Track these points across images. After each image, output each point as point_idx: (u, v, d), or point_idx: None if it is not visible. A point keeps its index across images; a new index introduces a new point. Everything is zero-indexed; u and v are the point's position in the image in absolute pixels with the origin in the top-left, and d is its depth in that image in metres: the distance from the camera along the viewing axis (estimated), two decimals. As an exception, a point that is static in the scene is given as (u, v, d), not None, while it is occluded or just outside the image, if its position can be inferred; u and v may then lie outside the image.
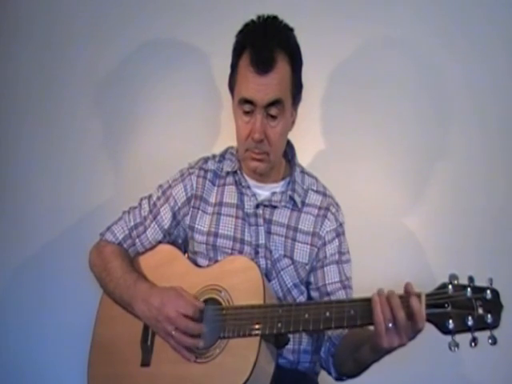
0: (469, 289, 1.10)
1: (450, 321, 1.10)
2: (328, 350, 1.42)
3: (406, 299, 1.13)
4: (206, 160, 1.56)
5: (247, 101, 1.36)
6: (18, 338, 1.99)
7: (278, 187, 1.50)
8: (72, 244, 1.96)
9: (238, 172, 1.50)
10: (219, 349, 1.30)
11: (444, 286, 1.13)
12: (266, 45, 1.33)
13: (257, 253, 1.44)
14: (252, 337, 1.27)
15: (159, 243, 1.54)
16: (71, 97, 2.05)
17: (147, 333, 1.41)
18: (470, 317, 1.09)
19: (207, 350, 1.31)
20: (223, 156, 1.56)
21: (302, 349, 1.45)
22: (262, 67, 1.32)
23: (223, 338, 1.30)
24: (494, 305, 1.09)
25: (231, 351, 1.28)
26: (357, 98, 1.90)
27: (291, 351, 1.43)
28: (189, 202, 1.52)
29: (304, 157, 1.65)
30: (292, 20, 1.40)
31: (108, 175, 2.03)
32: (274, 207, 1.47)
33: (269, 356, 1.30)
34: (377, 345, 1.16)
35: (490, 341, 1.08)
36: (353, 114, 1.90)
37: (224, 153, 1.58)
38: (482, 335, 1.08)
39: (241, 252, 1.44)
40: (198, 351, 1.32)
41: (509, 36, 1.83)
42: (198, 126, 1.98)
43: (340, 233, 1.48)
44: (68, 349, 1.91)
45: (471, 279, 1.12)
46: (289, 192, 1.47)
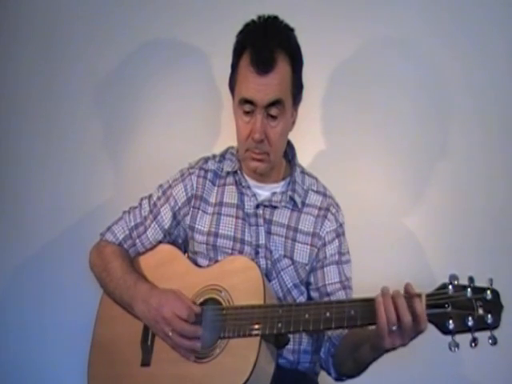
0: (469, 289, 1.10)
1: (451, 321, 1.10)
2: (328, 351, 1.42)
3: (409, 300, 1.13)
4: (207, 160, 1.56)
5: (247, 101, 1.36)
6: (18, 338, 1.99)
7: (279, 187, 1.49)
8: (72, 244, 1.96)
9: (239, 172, 1.50)
10: (219, 349, 1.30)
11: (444, 287, 1.13)
12: (267, 45, 1.33)
13: (257, 253, 1.44)
14: (252, 337, 1.27)
15: (159, 243, 1.54)
16: (71, 97, 2.05)
17: (147, 333, 1.41)
18: (471, 317, 1.09)
19: (207, 350, 1.31)
20: (223, 156, 1.56)
21: (302, 349, 1.45)
22: (263, 67, 1.32)
23: (223, 338, 1.30)
24: (494, 305, 1.09)
25: (231, 351, 1.28)
26: (357, 98, 1.89)
27: (291, 351, 1.43)
28: (189, 202, 1.51)
29: (304, 157, 1.65)
30: (292, 20, 1.40)
31: (108, 175, 2.03)
32: (274, 207, 1.47)
33: (269, 356, 1.30)
34: (378, 344, 1.17)
35: (491, 341, 1.08)
36: (353, 114, 1.90)
37: (224, 153, 1.58)
38: (482, 335, 1.08)
39: (241, 252, 1.44)
40: (198, 351, 1.32)
41: (509, 36, 1.83)
42: (199, 126, 1.98)
43: (340, 233, 1.48)
44: (68, 349, 1.91)
45: (471, 279, 1.12)
46: (289, 192, 1.47)
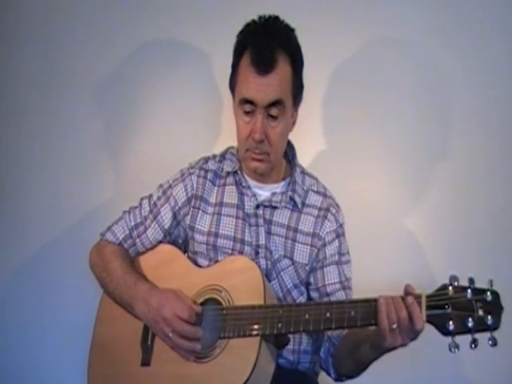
0: (469, 290, 1.11)
1: (451, 322, 1.10)
2: (328, 351, 1.42)
3: (404, 298, 1.14)
4: (207, 160, 1.56)
5: (248, 101, 1.36)
6: (18, 338, 1.99)
7: (279, 188, 1.49)
8: (72, 244, 1.96)
9: (239, 172, 1.50)
10: (219, 349, 1.30)
11: (444, 288, 1.13)
12: (267, 45, 1.33)
13: (257, 253, 1.44)
14: (252, 337, 1.27)
15: (160, 243, 1.54)
16: (71, 97, 2.05)
17: (147, 332, 1.41)
18: (471, 318, 1.09)
19: (207, 350, 1.31)
20: (223, 156, 1.56)
21: (302, 349, 1.45)
22: (263, 67, 1.32)
23: (223, 338, 1.30)
24: (495, 306, 1.09)
25: (231, 351, 1.28)
26: (357, 99, 1.89)
27: (291, 351, 1.43)
28: (189, 202, 1.51)
29: (304, 157, 1.65)
30: (293, 20, 1.40)
31: (108, 175, 2.02)
32: (275, 208, 1.47)
33: (269, 356, 1.30)
34: (379, 344, 1.17)
35: (490, 342, 1.08)
36: (353, 115, 1.89)
37: (224, 153, 1.58)
38: (482, 337, 1.08)
39: (241, 252, 1.44)
40: (198, 352, 1.32)
41: (509, 36, 1.83)
42: (199, 126, 1.98)
43: (340, 234, 1.48)
44: (68, 349, 1.91)
45: (471, 281, 1.12)
46: (289, 192, 1.47)
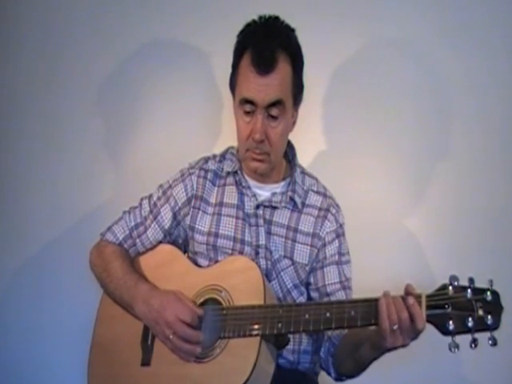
0: (469, 290, 1.11)
1: (451, 322, 1.10)
2: (328, 351, 1.42)
3: (405, 298, 1.14)
4: (207, 160, 1.56)
5: (248, 101, 1.36)
6: (18, 338, 1.98)
7: (279, 188, 1.49)
8: (72, 244, 1.96)
9: (239, 172, 1.50)
10: (219, 349, 1.30)
11: (444, 287, 1.13)
12: (268, 45, 1.33)
13: (257, 253, 1.44)
14: (252, 337, 1.27)
15: (160, 243, 1.54)
16: (71, 96, 2.04)
17: (147, 332, 1.41)
18: (471, 318, 1.09)
19: (207, 350, 1.31)
20: (224, 156, 1.56)
21: (302, 349, 1.45)
22: (263, 68, 1.32)
23: (223, 338, 1.30)
24: (494, 306, 1.09)
25: (231, 351, 1.28)
26: (358, 98, 1.89)
27: (291, 351, 1.43)
28: (189, 202, 1.51)
29: (304, 157, 1.65)
30: (293, 20, 1.40)
31: (108, 175, 2.02)
32: (275, 208, 1.47)
33: (269, 356, 1.30)
34: (379, 344, 1.17)
35: (490, 342, 1.08)
36: (354, 114, 1.89)
37: (224, 153, 1.57)
38: (482, 336, 1.09)
39: (241, 252, 1.44)
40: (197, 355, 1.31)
41: (511, 36, 1.83)
42: (199, 126, 1.98)
43: (340, 234, 1.48)
44: (68, 349, 1.91)
45: (471, 280, 1.12)
46: (289, 193, 1.47)
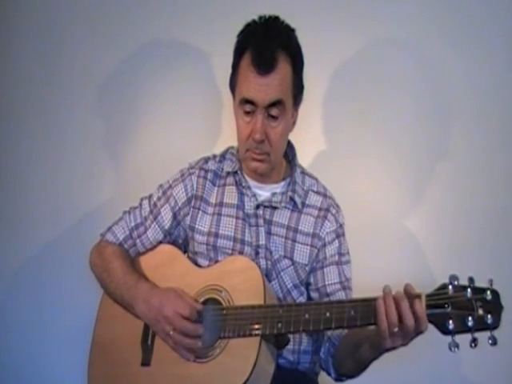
0: (469, 289, 1.10)
1: (450, 321, 1.10)
2: (328, 351, 1.42)
3: (410, 302, 1.12)
4: (207, 160, 1.56)
5: (248, 101, 1.36)
6: (18, 338, 1.99)
7: (279, 188, 1.49)
8: (72, 244, 1.96)
9: (239, 172, 1.50)
10: (219, 349, 1.30)
11: (444, 287, 1.13)
12: (268, 45, 1.33)
13: (257, 253, 1.44)
14: (252, 337, 1.27)
15: (160, 243, 1.54)
16: (71, 96, 2.05)
17: (147, 332, 1.41)
18: (470, 317, 1.09)
19: (207, 350, 1.31)
20: (224, 156, 1.56)
21: (302, 349, 1.45)
22: (264, 68, 1.32)
23: (223, 338, 1.30)
24: (494, 306, 1.09)
25: (231, 351, 1.28)
26: (358, 98, 1.89)
27: (291, 351, 1.43)
28: (189, 203, 1.51)
29: (304, 157, 1.65)
30: (293, 20, 1.40)
31: (108, 175, 2.02)
32: (275, 208, 1.47)
33: (269, 356, 1.30)
34: (378, 344, 1.17)
35: (490, 341, 1.08)
36: (354, 114, 1.89)
37: (224, 153, 1.57)
38: (482, 336, 1.08)
39: (241, 252, 1.44)
40: (198, 351, 1.31)
41: (511, 35, 1.83)
42: (199, 126, 1.98)
43: (340, 234, 1.48)
44: (68, 349, 1.91)
45: (471, 280, 1.12)
46: (289, 193, 1.47)
